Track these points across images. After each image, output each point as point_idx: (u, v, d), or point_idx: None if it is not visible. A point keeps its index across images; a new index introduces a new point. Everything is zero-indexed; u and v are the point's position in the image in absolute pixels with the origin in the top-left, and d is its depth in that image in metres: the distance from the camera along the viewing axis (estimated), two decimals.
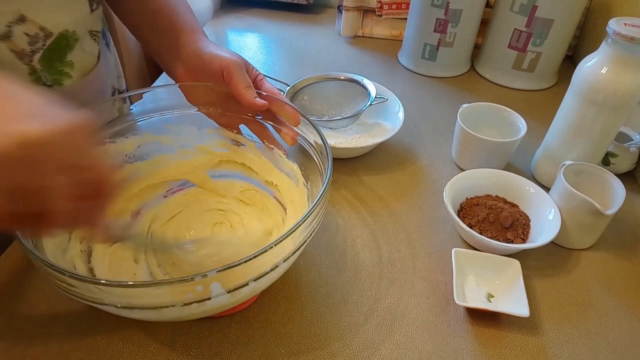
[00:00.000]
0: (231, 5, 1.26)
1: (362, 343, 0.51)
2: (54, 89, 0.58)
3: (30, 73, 0.55)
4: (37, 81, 0.56)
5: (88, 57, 0.63)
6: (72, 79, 0.60)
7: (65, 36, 0.57)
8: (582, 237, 0.62)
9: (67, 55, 0.59)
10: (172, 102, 0.62)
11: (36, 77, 0.56)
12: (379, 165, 0.75)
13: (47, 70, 0.57)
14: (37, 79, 0.56)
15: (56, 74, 0.58)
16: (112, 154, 0.58)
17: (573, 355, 0.51)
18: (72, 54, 0.59)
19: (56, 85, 0.58)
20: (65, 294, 0.40)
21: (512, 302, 0.53)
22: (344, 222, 0.65)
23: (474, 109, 0.75)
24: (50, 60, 0.57)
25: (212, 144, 0.64)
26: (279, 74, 0.88)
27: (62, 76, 0.59)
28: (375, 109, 0.80)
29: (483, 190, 0.66)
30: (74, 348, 0.49)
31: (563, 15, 0.87)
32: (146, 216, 0.60)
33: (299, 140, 0.58)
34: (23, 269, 0.55)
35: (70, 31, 0.57)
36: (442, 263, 0.60)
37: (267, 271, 0.42)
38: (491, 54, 0.99)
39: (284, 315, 0.53)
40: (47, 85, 0.58)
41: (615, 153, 0.71)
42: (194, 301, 0.40)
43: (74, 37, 0.58)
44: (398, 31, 1.12)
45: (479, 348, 0.51)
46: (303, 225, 0.43)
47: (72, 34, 0.58)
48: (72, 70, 0.60)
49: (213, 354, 0.49)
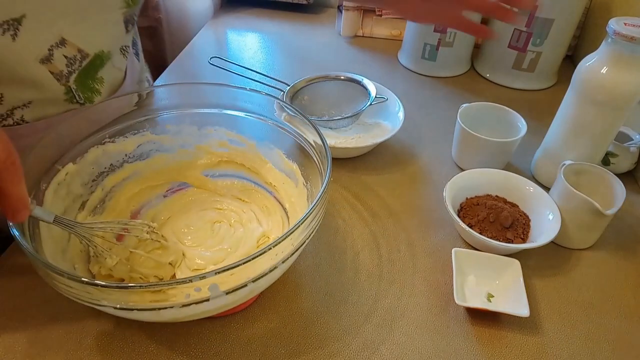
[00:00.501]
0: (231, 5, 1.26)
1: (362, 343, 0.51)
2: (86, 106, 0.59)
3: (65, 92, 0.56)
4: (72, 100, 0.57)
5: (117, 72, 0.64)
6: (102, 95, 0.61)
7: (100, 56, 0.58)
8: (582, 237, 0.62)
9: (99, 72, 0.59)
10: (172, 102, 0.62)
11: (70, 96, 0.57)
12: (379, 165, 0.75)
13: (81, 89, 0.57)
14: (72, 98, 0.57)
15: (89, 91, 0.59)
16: (111, 153, 0.58)
17: (573, 355, 0.51)
18: (102, 70, 0.60)
19: (87, 102, 0.59)
20: (64, 294, 0.40)
21: (512, 302, 0.53)
22: (343, 222, 0.65)
23: (474, 109, 0.75)
24: (85, 79, 0.57)
25: (212, 144, 0.64)
26: (279, 74, 0.88)
27: (93, 93, 0.60)
28: (375, 109, 0.80)
29: (483, 190, 0.66)
30: (74, 348, 0.49)
31: (563, 15, 0.87)
32: (146, 216, 0.60)
33: (298, 140, 0.58)
34: (23, 269, 0.55)
35: (105, 51, 0.58)
36: (442, 263, 0.60)
37: (265, 272, 0.42)
38: (491, 54, 0.99)
39: (284, 315, 0.53)
40: (80, 104, 0.58)
41: (615, 153, 0.71)
42: (192, 302, 0.40)
43: (107, 57, 0.59)
44: (398, 31, 1.12)
45: (479, 348, 0.51)
46: (302, 226, 0.43)
47: (107, 54, 0.59)
48: (102, 87, 0.61)
49: (213, 354, 0.49)
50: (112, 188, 0.59)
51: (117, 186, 0.59)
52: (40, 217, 0.44)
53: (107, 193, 0.58)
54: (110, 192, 0.59)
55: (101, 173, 0.58)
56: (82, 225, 0.47)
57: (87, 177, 0.56)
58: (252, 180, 0.64)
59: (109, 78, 0.62)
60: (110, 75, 0.62)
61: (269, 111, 0.61)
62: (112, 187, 0.59)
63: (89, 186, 0.56)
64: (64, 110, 0.58)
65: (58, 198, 0.52)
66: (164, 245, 0.53)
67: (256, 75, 0.88)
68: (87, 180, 0.56)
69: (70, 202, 0.54)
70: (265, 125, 0.61)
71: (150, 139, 0.61)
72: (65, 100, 0.57)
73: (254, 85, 0.85)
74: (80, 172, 0.55)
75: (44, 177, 0.50)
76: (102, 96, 0.61)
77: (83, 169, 0.55)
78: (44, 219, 0.44)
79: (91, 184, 0.57)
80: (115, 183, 0.59)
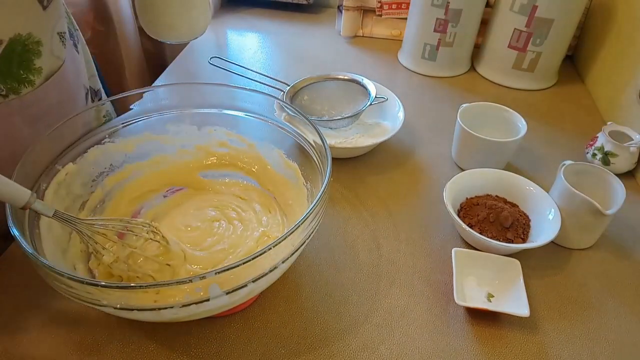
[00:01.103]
0: (231, 5, 1.26)
1: (362, 343, 0.51)
2: (10, 98, 0.54)
3: None
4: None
5: (55, 60, 0.59)
6: (35, 85, 0.56)
7: (18, 41, 0.52)
8: (582, 237, 0.62)
9: (35, 62, 0.55)
10: (172, 102, 0.62)
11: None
12: (379, 165, 0.75)
13: (1, 80, 0.52)
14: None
15: (14, 81, 0.54)
16: (111, 153, 0.58)
17: (573, 355, 0.51)
18: (40, 59, 0.55)
19: (12, 94, 0.54)
20: (64, 294, 0.40)
21: (512, 302, 0.53)
22: (344, 222, 0.65)
23: (474, 109, 0.75)
24: (8, 69, 0.53)
25: (212, 144, 0.64)
26: (279, 74, 0.88)
27: (21, 84, 0.54)
28: (375, 109, 0.80)
29: (483, 190, 0.66)
30: (74, 348, 0.49)
31: (563, 15, 0.87)
32: (146, 215, 0.60)
33: (298, 140, 0.58)
34: (23, 269, 0.55)
35: (23, 34, 0.52)
36: (442, 263, 0.60)
37: (265, 272, 0.42)
38: (491, 54, 0.99)
39: (284, 315, 0.53)
40: (1, 95, 0.53)
41: (615, 153, 0.71)
42: (192, 302, 0.40)
43: (32, 40, 0.54)
44: (398, 31, 1.12)
45: (479, 348, 0.51)
46: (302, 226, 0.43)
47: (28, 37, 0.53)
48: (39, 77, 0.56)
49: (213, 354, 0.49)
50: (112, 188, 0.59)
51: (117, 186, 0.59)
52: (40, 211, 0.44)
53: (107, 193, 0.58)
54: (110, 192, 0.59)
55: (101, 173, 0.58)
56: (82, 221, 0.47)
57: (87, 177, 0.56)
58: (252, 181, 0.64)
59: (49, 67, 0.57)
60: (50, 64, 0.58)
61: (269, 111, 0.61)
62: (112, 187, 0.59)
63: (89, 186, 0.56)
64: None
65: (58, 198, 0.52)
66: (164, 246, 0.53)
67: (256, 75, 0.88)
68: (87, 180, 0.56)
69: (70, 202, 0.54)
70: (265, 125, 0.61)
71: (151, 139, 0.61)
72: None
73: (254, 85, 0.85)
74: (80, 172, 0.55)
75: (44, 177, 0.50)
76: (35, 86, 0.56)
77: (83, 169, 0.55)
78: (43, 212, 0.44)
79: (91, 184, 0.57)
80: (115, 183, 0.59)
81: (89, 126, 0.57)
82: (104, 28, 1.05)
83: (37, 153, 0.50)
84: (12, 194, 0.42)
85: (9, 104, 0.54)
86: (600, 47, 0.95)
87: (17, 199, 0.42)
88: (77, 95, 0.66)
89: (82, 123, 0.56)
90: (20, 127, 0.55)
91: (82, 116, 0.56)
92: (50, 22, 0.57)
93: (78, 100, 0.66)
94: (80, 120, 0.56)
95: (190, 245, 0.56)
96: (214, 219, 0.59)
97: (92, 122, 0.58)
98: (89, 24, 1.02)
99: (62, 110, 0.59)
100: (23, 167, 0.47)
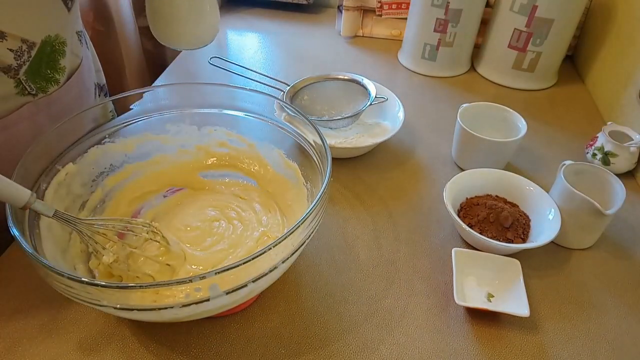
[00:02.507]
0: (231, 5, 1.26)
1: (362, 343, 0.51)
2: (38, 97, 0.56)
3: (15, 86, 0.53)
4: (22, 92, 0.55)
5: (74, 58, 0.62)
6: (59, 83, 0.58)
7: (48, 42, 0.55)
8: (582, 237, 0.62)
9: (60, 61, 0.57)
10: (172, 102, 0.62)
11: (21, 88, 0.54)
12: (379, 165, 0.75)
13: (31, 80, 0.55)
14: (22, 90, 0.54)
15: (43, 81, 0.56)
16: (111, 153, 0.58)
17: (573, 355, 0.51)
18: (64, 59, 0.57)
19: (40, 92, 0.56)
20: (64, 294, 0.40)
21: (512, 302, 0.53)
22: (344, 222, 0.65)
23: (474, 109, 0.75)
24: (39, 67, 0.55)
25: (212, 144, 0.64)
26: (279, 74, 0.88)
27: (48, 83, 0.57)
28: (375, 109, 0.80)
29: (483, 190, 0.66)
30: (74, 348, 0.49)
31: (563, 15, 0.87)
32: (146, 215, 0.60)
33: (298, 140, 0.58)
34: (23, 269, 0.55)
35: (52, 35, 0.55)
36: (442, 263, 0.60)
37: (265, 272, 0.42)
38: (491, 54, 0.99)
39: (284, 315, 0.53)
40: (32, 95, 0.55)
41: (615, 153, 0.71)
42: (192, 302, 0.40)
43: (59, 41, 0.56)
44: (398, 31, 1.12)
45: (479, 348, 0.51)
46: (302, 226, 0.43)
47: (56, 38, 0.55)
48: (63, 76, 0.58)
49: (213, 354, 0.49)
50: (112, 188, 0.59)
51: (117, 186, 0.59)
52: (40, 211, 0.44)
53: (107, 193, 0.58)
54: (110, 193, 0.59)
55: (101, 173, 0.58)
56: (82, 221, 0.47)
57: (87, 177, 0.56)
58: (251, 181, 0.64)
59: (70, 65, 0.59)
60: (71, 62, 0.60)
61: (269, 111, 0.61)
62: (112, 187, 0.59)
63: (89, 186, 0.56)
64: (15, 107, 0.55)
65: (58, 198, 0.52)
66: (164, 246, 0.53)
67: (256, 75, 0.88)
68: (87, 181, 0.56)
69: (70, 202, 0.54)
70: (265, 125, 0.61)
71: (151, 139, 0.61)
72: (16, 93, 0.54)
73: (254, 85, 0.85)
74: (80, 172, 0.55)
75: (44, 177, 0.50)
76: (60, 84, 0.58)
77: (83, 169, 0.55)
78: (43, 213, 0.44)
79: (91, 184, 0.57)
80: (115, 183, 0.59)
81: (97, 122, 0.58)
82: (104, 28, 1.04)
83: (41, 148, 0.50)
84: (12, 194, 0.42)
85: (37, 102, 0.56)
86: (600, 47, 0.95)
87: (17, 199, 0.42)
88: (90, 92, 0.68)
89: (91, 119, 0.57)
90: (44, 125, 0.56)
91: (91, 112, 0.57)
92: (73, 23, 0.59)
93: (90, 96, 0.67)
94: (90, 116, 0.57)
95: (190, 245, 0.56)
96: (214, 219, 0.59)
97: (99, 118, 0.59)
98: (89, 24, 1.02)
99: (79, 107, 0.60)
100: (23, 167, 0.47)
